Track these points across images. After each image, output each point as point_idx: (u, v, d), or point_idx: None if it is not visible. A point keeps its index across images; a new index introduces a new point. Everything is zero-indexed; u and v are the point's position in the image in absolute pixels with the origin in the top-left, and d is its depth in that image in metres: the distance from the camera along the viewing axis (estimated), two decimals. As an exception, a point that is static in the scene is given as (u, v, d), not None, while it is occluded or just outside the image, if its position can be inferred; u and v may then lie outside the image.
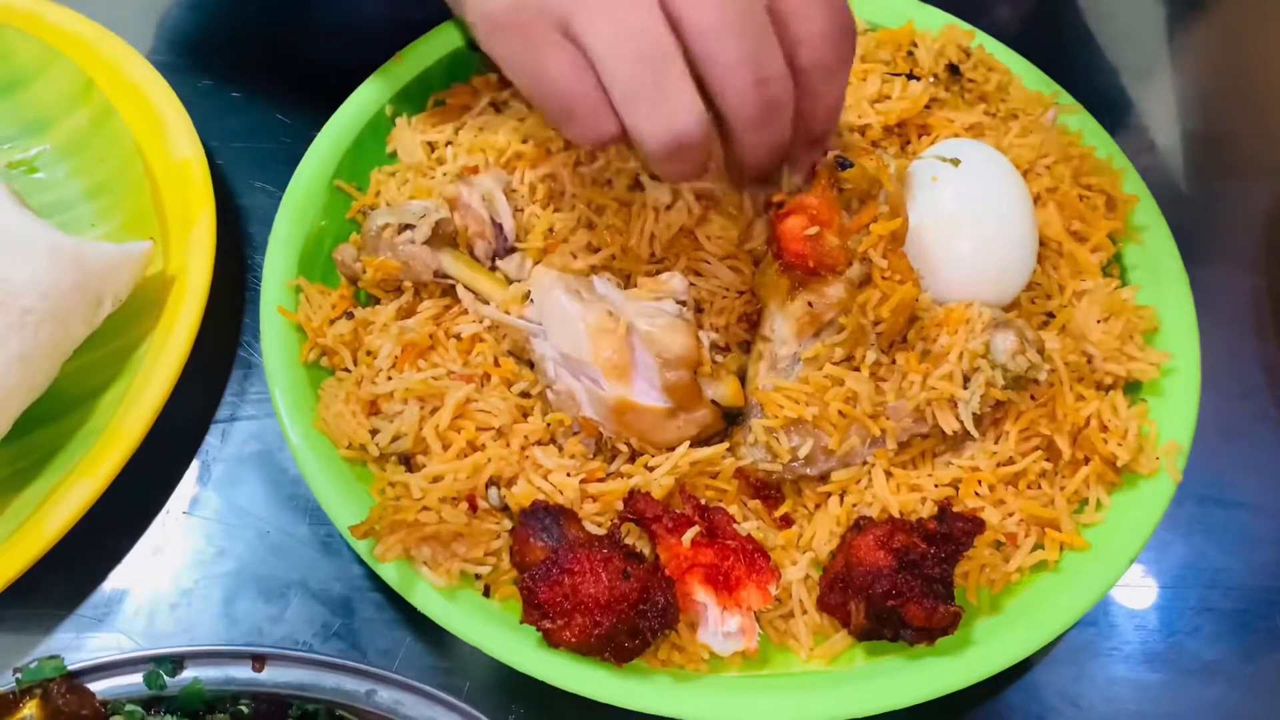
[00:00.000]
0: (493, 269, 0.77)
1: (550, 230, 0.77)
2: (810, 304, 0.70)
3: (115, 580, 0.74)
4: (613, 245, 0.76)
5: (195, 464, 0.79)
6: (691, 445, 0.70)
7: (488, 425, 0.71)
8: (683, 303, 0.73)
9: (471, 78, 0.88)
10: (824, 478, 0.71)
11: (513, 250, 0.78)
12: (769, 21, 0.62)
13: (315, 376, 0.74)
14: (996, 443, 0.72)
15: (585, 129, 0.64)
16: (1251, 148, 1.05)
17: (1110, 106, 1.05)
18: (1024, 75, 0.90)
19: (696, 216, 0.76)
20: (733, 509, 0.70)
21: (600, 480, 0.69)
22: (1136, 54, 1.11)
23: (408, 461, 0.71)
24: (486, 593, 0.68)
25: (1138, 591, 0.79)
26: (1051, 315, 0.78)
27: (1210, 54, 1.13)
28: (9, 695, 0.63)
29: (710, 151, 0.65)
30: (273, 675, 0.65)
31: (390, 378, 0.72)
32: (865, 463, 0.71)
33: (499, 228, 0.77)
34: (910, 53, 0.87)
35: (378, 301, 0.77)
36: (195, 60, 0.99)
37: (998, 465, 0.71)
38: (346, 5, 0.79)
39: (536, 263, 0.76)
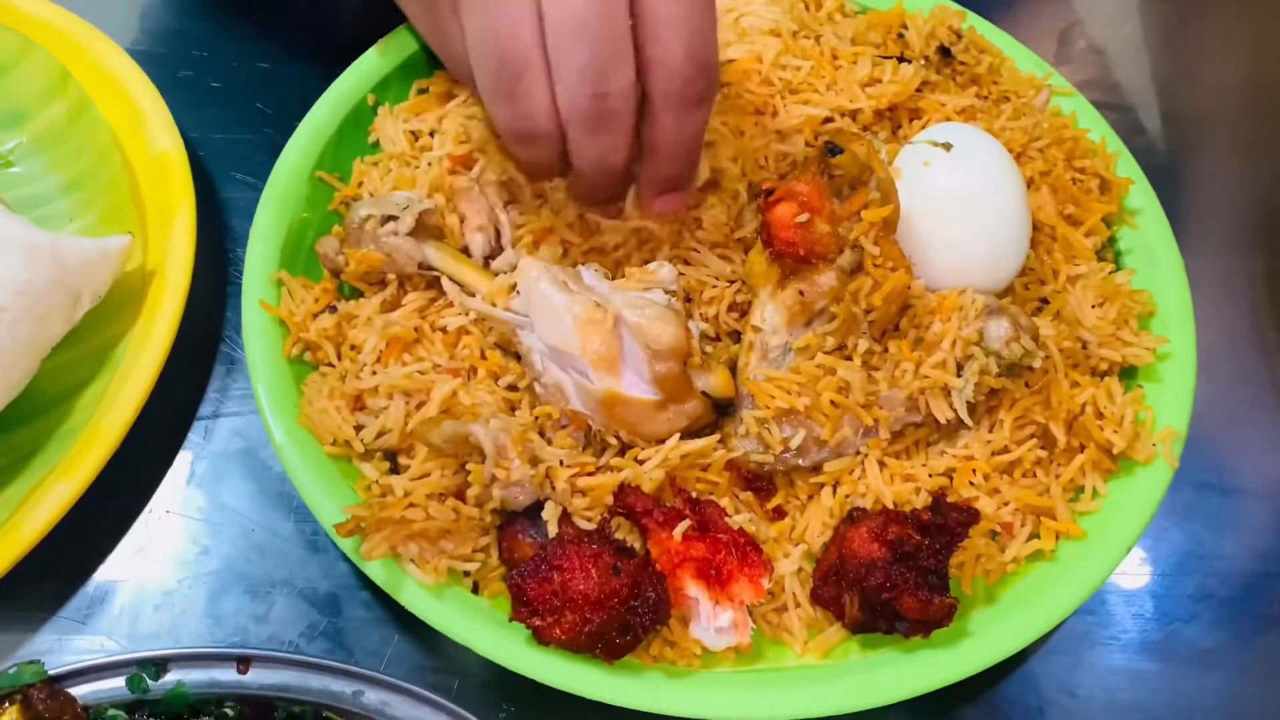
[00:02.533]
0: (484, 267, 0.76)
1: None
2: (801, 292, 0.69)
3: (97, 581, 0.73)
4: (600, 235, 0.75)
5: (178, 462, 0.78)
6: (682, 437, 0.69)
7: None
8: (672, 292, 0.72)
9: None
10: (816, 469, 0.71)
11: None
12: (629, 37, 0.63)
13: (299, 372, 0.73)
14: (991, 431, 0.72)
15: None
16: (1247, 130, 1.05)
17: (1103, 88, 1.04)
18: (1016, 57, 0.89)
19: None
20: (724, 501, 0.69)
21: (590, 474, 0.68)
22: (1130, 34, 1.10)
23: (393, 458, 0.70)
24: (475, 590, 0.68)
25: (1135, 579, 0.79)
26: (1045, 301, 0.77)
27: (1205, 34, 1.12)
28: (-11, 700, 0.62)
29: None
30: (258, 677, 0.64)
31: (375, 372, 0.71)
32: (858, 453, 0.70)
33: (497, 231, 0.76)
34: (901, 35, 0.86)
35: (361, 295, 0.76)
36: (174, 51, 0.98)
37: (992, 454, 0.71)
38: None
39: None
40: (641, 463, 0.68)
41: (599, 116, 0.65)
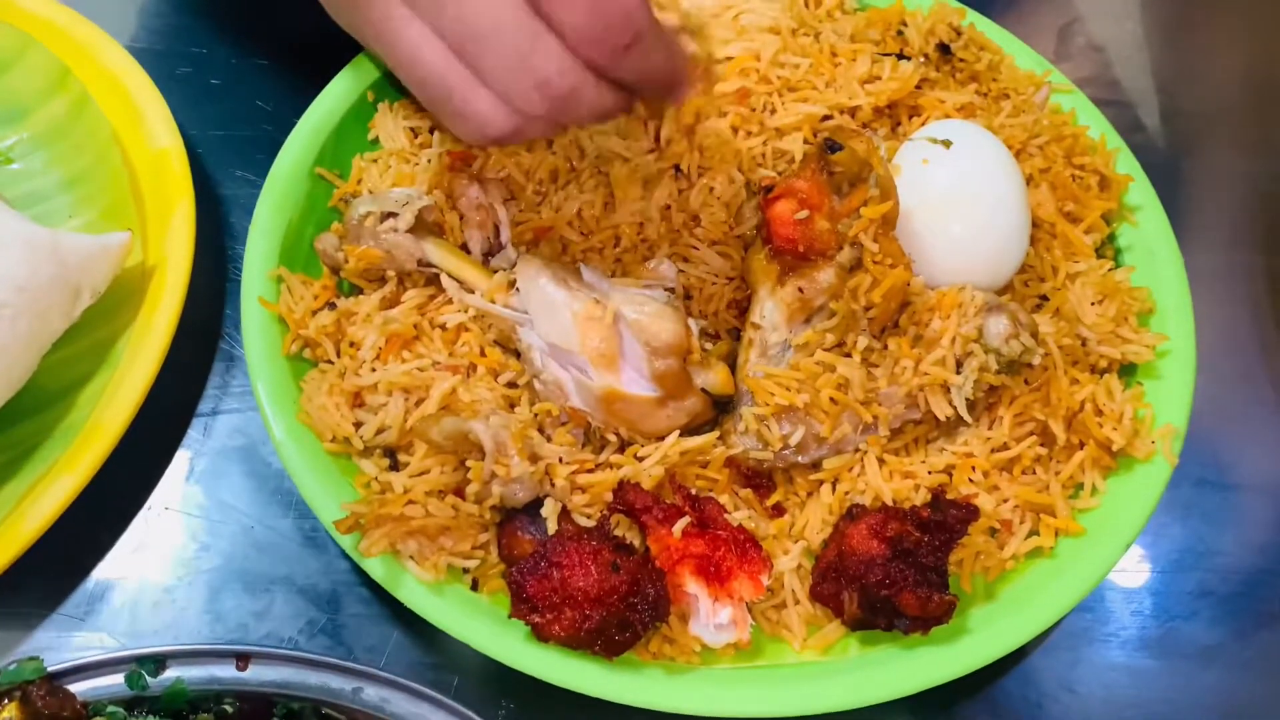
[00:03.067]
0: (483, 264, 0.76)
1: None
2: (801, 289, 0.69)
3: (97, 578, 0.73)
4: (600, 232, 0.75)
5: (177, 459, 0.78)
6: (681, 434, 0.69)
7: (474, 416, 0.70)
8: (671, 289, 0.72)
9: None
10: (816, 465, 0.71)
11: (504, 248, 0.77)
12: (536, 23, 0.62)
13: (298, 368, 0.73)
14: (990, 428, 0.72)
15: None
16: (1246, 126, 1.04)
17: (1103, 85, 1.04)
18: (1016, 54, 0.89)
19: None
20: (723, 498, 0.69)
21: (589, 471, 0.68)
22: (1130, 31, 1.10)
23: (393, 455, 0.70)
24: (474, 586, 0.68)
25: (1134, 576, 0.79)
26: (1045, 298, 0.77)
27: (1205, 31, 1.12)
28: (-12, 697, 0.62)
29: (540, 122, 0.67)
30: (257, 674, 0.64)
31: (374, 369, 0.71)
32: (857, 450, 0.70)
33: (496, 229, 0.76)
34: (900, 32, 0.86)
35: (361, 291, 0.76)
36: (173, 48, 0.98)
37: (992, 451, 0.71)
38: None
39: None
40: (641, 460, 0.68)
41: (555, 100, 0.64)
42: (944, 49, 0.85)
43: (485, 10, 0.62)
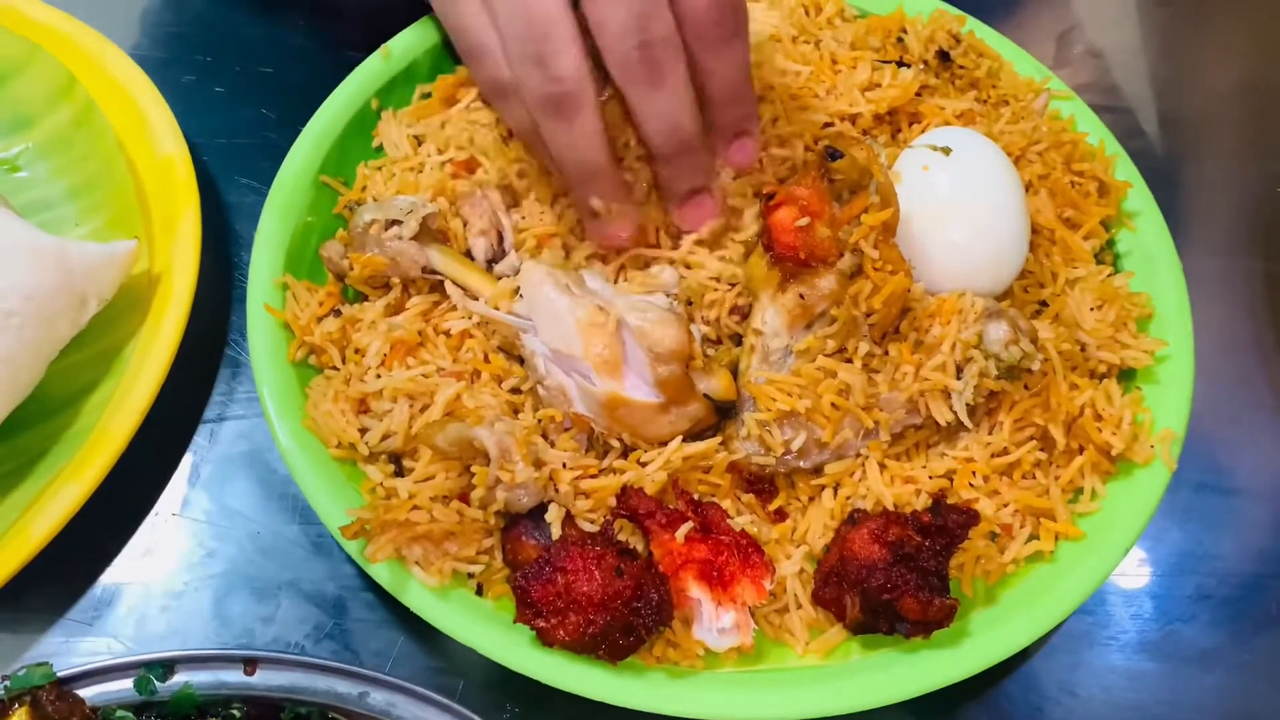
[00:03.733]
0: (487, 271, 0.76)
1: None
2: (802, 296, 0.69)
3: (104, 583, 0.74)
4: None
5: (183, 464, 0.78)
6: (684, 440, 0.69)
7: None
8: (674, 296, 0.72)
9: (457, 69, 0.87)
10: (817, 470, 0.71)
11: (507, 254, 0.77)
12: None
13: (304, 375, 0.74)
14: (990, 433, 0.72)
15: (484, 73, 0.75)
16: (1245, 132, 1.05)
17: (1102, 91, 1.04)
18: (1015, 61, 0.90)
19: None
20: (726, 503, 0.69)
21: (593, 476, 0.68)
22: (1129, 37, 1.11)
23: (398, 460, 0.71)
24: (479, 591, 0.68)
25: (1134, 580, 0.79)
26: (1044, 304, 0.78)
27: (1203, 38, 1.12)
28: (-2, 703, 0.62)
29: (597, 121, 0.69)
30: (265, 678, 0.64)
31: (379, 375, 0.72)
32: (859, 455, 0.71)
33: (499, 235, 0.77)
34: (900, 39, 0.86)
35: (365, 298, 0.77)
36: (178, 56, 0.98)
37: (992, 456, 0.71)
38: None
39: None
40: (644, 465, 0.68)
41: (651, 66, 0.66)
42: (944, 56, 0.86)
43: None
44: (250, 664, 0.64)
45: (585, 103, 0.67)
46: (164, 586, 0.74)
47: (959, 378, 0.70)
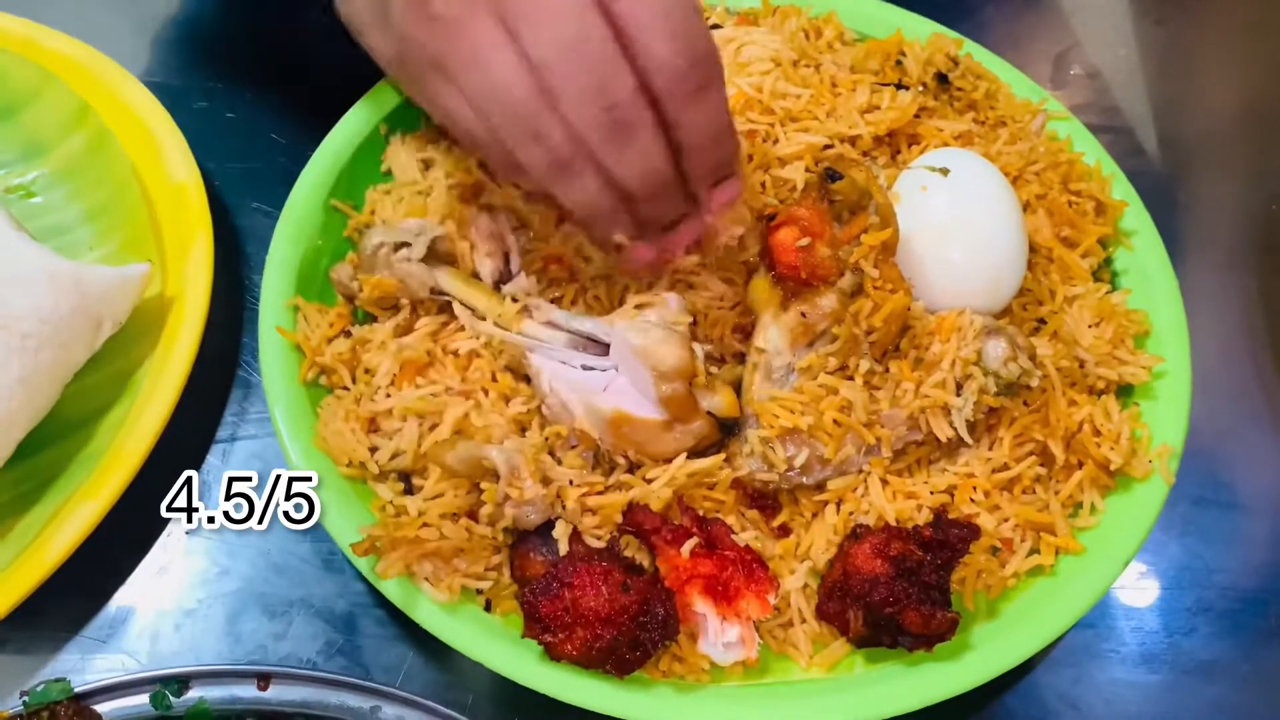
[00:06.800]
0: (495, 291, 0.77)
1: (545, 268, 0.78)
2: (803, 314, 0.70)
3: (119, 601, 0.75)
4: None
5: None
6: (688, 456, 0.70)
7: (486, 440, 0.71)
8: (689, 321, 0.73)
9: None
10: (820, 486, 0.72)
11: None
12: (616, 48, 0.63)
13: (315, 395, 0.75)
14: (990, 449, 0.73)
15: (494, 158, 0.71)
16: (1241, 151, 1.06)
17: (1099, 111, 1.05)
18: (1012, 83, 0.91)
19: None
20: (730, 519, 0.70)
21: (599, 493, 0.69)
22: (1126, 58, 1.12)
23: (408, 479, 0.72)
24: (488, 607, 0.69)
25: (1135, 593, 0.80)
26: (1043, 321, 0.78)
27: (1200, 57, 1.13)
28: (17, 719, 0.63)
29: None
30: (278, 693, 0.65)
31: (389, 395, 0.73)
32: (861, 471, 0.72)
33: (505, 258, 0.78)
34: (899, 62, 0.87)
35: (375, 319, 0.78)
36: (190, 82, 1.00)
37: (992, 471, 0.72)
38: (340, 24, 0.79)
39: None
40: (649, 481, 0.69)
41: (617, 128, 0.64)
42: (942, 78, 0.87)
43: (576, 35, 0.62)
44: (264, 679, 0.65)
45: (589, 159, 0.66)
46: (178, 604, 0.75)
47: (959, 394, 0.71)
